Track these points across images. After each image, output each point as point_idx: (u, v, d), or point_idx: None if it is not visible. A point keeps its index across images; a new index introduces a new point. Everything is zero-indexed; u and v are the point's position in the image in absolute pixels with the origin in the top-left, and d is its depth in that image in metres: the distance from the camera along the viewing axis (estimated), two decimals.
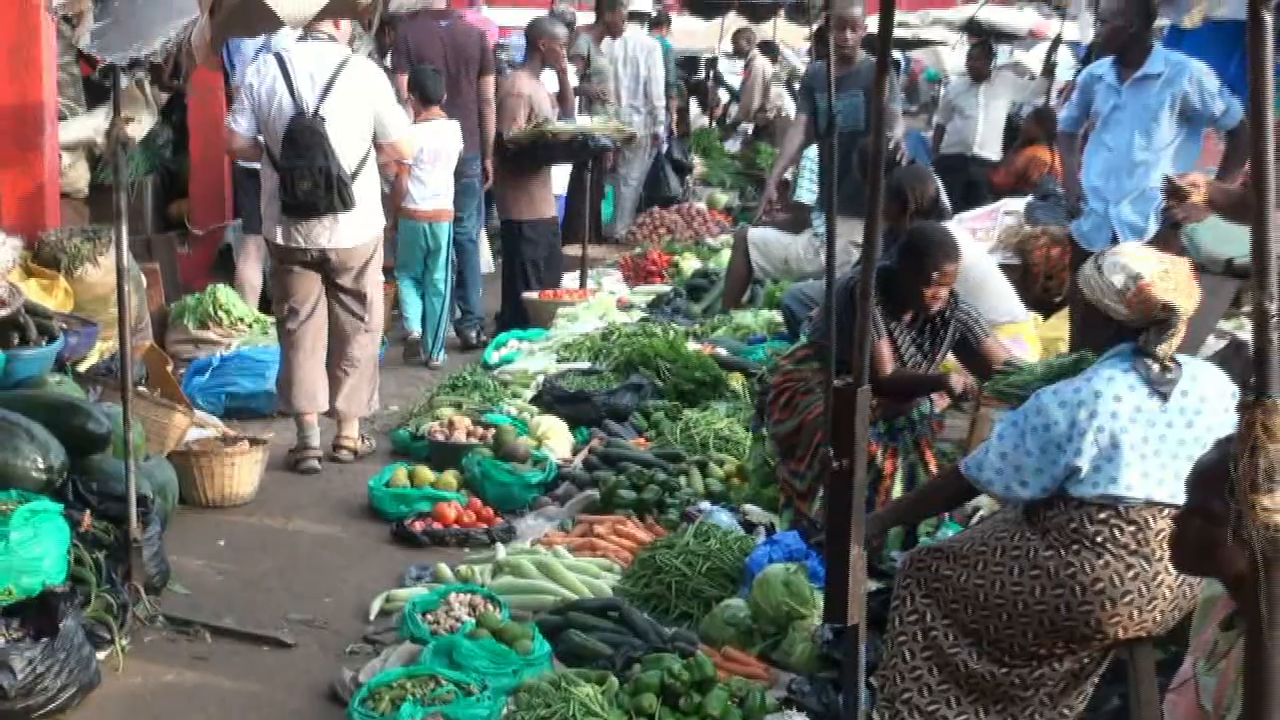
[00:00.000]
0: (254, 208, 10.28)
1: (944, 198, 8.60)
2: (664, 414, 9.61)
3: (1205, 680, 3.67)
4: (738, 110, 21.67)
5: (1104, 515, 5.03)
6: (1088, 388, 5.06)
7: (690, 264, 14.80)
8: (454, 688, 5.78)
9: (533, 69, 13.01)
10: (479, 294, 12.97)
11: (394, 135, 9.15)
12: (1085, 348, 5.46)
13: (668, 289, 13.85)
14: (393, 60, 12.65)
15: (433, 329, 11.99)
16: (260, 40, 9.98)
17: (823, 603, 6.08)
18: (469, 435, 9.12)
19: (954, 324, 7.08)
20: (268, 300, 11.08)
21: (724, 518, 7.68)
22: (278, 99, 8.87)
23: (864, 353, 4.15)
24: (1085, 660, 5.22)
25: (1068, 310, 9.54)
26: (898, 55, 22.05)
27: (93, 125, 10.51)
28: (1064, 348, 9.23)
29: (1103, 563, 5.02)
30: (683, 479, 8.43)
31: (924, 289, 6.80)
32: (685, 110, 20.76)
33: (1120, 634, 5.08)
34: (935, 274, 6.77)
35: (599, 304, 12.71)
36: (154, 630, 6.77)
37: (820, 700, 5.87)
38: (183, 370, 9.96)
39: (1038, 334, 9.01)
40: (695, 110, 22.72)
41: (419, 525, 8.06)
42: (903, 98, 19.07)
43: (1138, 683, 5.19)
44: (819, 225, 11.27)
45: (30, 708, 5.72)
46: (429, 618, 6.56)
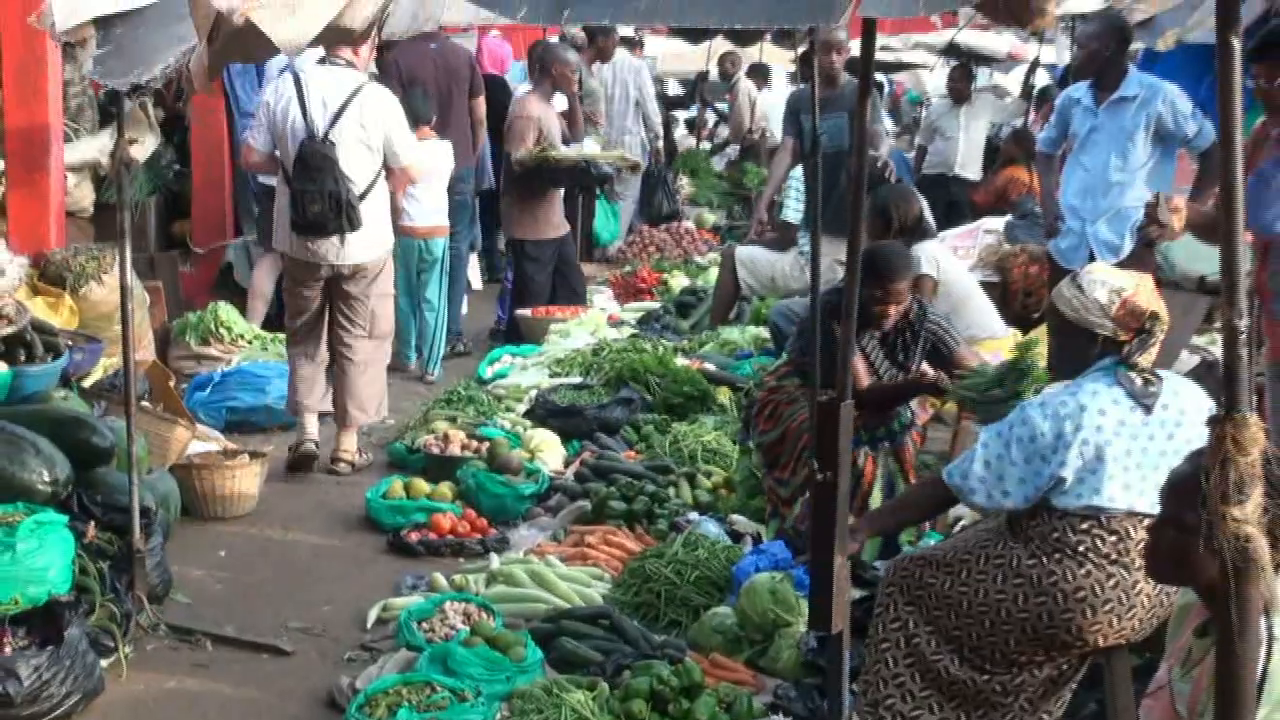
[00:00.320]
0: (270, 223, 10.28)
1: (929, 216, 8.61)
2: (653, 427, 9.61)
3: (1180, 686, 3.67)
4: (727, 132, 21.66)
5: (1086, 525, 5.03)
6: (1073, 401, 5.05)
7: (679, 281, 14.81)
8: (449, 694, 5.77)
9: (543, 92, 12.95)
10: (463, 309, 12.97)
11: (404, 160, 9.19)
12: (1062, 367, 5.45)
13: (657, 306, 13.87)
14: (385, 84, 12.66)
15: (428, 345, 11.98)
16: (284, 60, 10.00)
17: (808, 611, 6.12)
18: (463, 448, 9.11)
19: (924, 335, 7.11)
20: (276, 309, 11.19)
21: (712, 528, 7.68)
22: (291, 119, 8.98)
23: (845, 369, 4.16)
24: (1064, 667, 5.22)
25: (1046, 326, 9.55)
26: (880, 78, 22.05)
27: (97, 147, 10.51)
28: (1042, 364, 9.24)
29: (1084, 572, 5.02)
30: (672, 490, 8.43)
31: (874, 306, 6.85)
32: (669, 130, 20.76)
33: (1100, 641, 5.07)
34: (880, 291, 6.82)
35: (590, 320, 12.70)
36: (156, 638, 6.75)
37: (806, 706, 5.87)
38: (185, 386, 9.93)
39: (1017, 350, 8.99)
40: (681, 131, 22.72)
41: (415, 536, 8.04)
42: (887, 118, 19.09)
43: (1114, 688, 5.18)
44: (804, 244, 11.26)
45: (36, 714, 5.71)
46: (424, 626, 6.55)
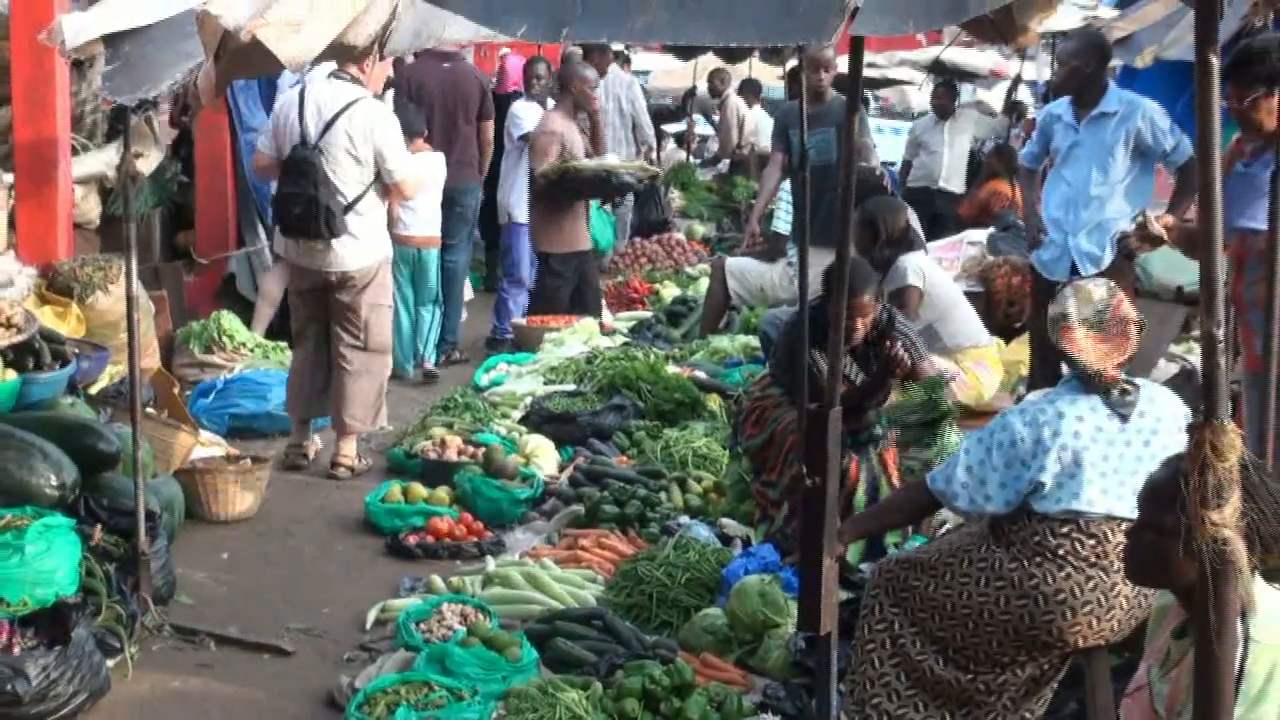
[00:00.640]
0: None
1: (916, 227, 8.62)
2: (645, 433, 9.60)
3: (1159, 686, 3.67)
4: (717, 147, 21.66)
5: (1066, 529, 5.04)
6: (1052, 409, 5.07)
7: (670, 291, 14.82)
8: (446, 693, 5.77)
9: (566, 109, 12.97)
10: (460, 319, 12.97)
11: (397, 176, 9.21)
12: (1044, 375, 5.48)
13: (649, 315, 13.88)
14: (394, 98, 12.67)
15: (425, 339, 12.13)
16: (297, 76, 10.06)
17: (797, 612, 6.13)
18: (460, 454, 9.11)
19: (892, 339, 7.08)
20: (280, 319, 11.28)
21: (702, 531, 7.67)
22: (290, 128, 9.13)
23: (835, 376, 4.17)
24: (1045, 667, 5.23)
25: (1028, 336, 9.58)
26: (866, 93, 22.06)
27: (104, 160, 10.49)
28: (1024, 371, 9.27)
29: (1064, 574, 5.03)
30: (663, 495, 8.42)
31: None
32: (660, 143, 20.79)
33: (1080, 642, 5.09)
34: (847, 307, 6.80)
35: (583, 329, 12.68)
36: (161, 639, 6.75)
37: (794, 705, 5.87)
38: (189, 393, 9.92)
39: (1000, 358, 9.02)
40: (670, 145, 22.73)
41: (413, 539, 8.04)
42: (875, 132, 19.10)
43: (1094, 688, 5.19)
44: (794, 255, 11.27)
45: (44, 713, 5.70)
46: (422, 627, 6.55)
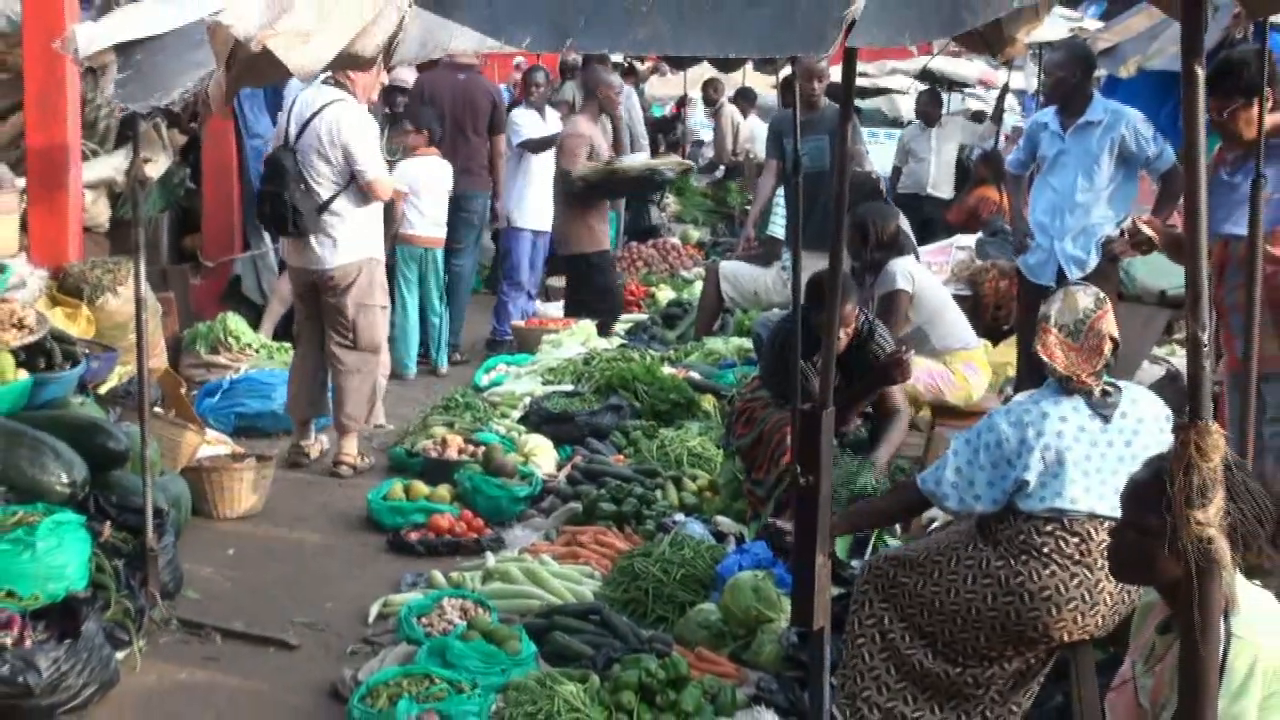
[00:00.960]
0: None
1: (907, 231, 8.62)
2: (641, 433, 9.61)
3: (1143, 680, 3.68)
4: (712, 154, 21.64)
5: (1050, 528, 5.06)
6: (1036, 409, 5.11)
7: (665, 295, 14.84)
8: (447, 686, 5.77)
9: (591, 113, 13.09)
10: (463, 321, 12.98)
11: (369, 175, 9.18)
12: (1031, 377, 5.51)
13: (645, 318, 13.91)
14: (408, 105, 12.68)
15: (435, 341, 12.17)
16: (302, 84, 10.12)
17: (790, 607, 6.13)
18: (461, 452, 9.11)
19: (873, 349, 7.07)
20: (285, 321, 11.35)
21: (697, 528, 7.68)
22: (280, 131, 9.37)
23: (828, 377, 4.17)
24: (1032, 661, 5.24)
25: (1015, 338, 9.59)
26: (858, 102, 22.06)
27: (113, 165, 10.50)
28: (1012, 372, 9.27)
29: (1049, 572, 5.05)
30: (659, 493, 8.43)
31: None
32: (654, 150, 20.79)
33: (1065, 637, 5.10)
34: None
35: (581, 331, 12.71)
36: (168, 632, 6.75)
37: (787, 697, 5.89)
38: (195, 392, 9.92)
39: (988, 359, 9.03)
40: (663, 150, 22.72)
41: (414, 535, 8.04)
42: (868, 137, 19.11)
43: (1079, 682, 5.21)
44: (788, 259, 11.29)
45: (55, 704, 5.71)
46: (424, 621, 6.54)
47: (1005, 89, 17.88)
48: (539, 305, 14.10)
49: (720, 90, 20.88)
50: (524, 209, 13.15)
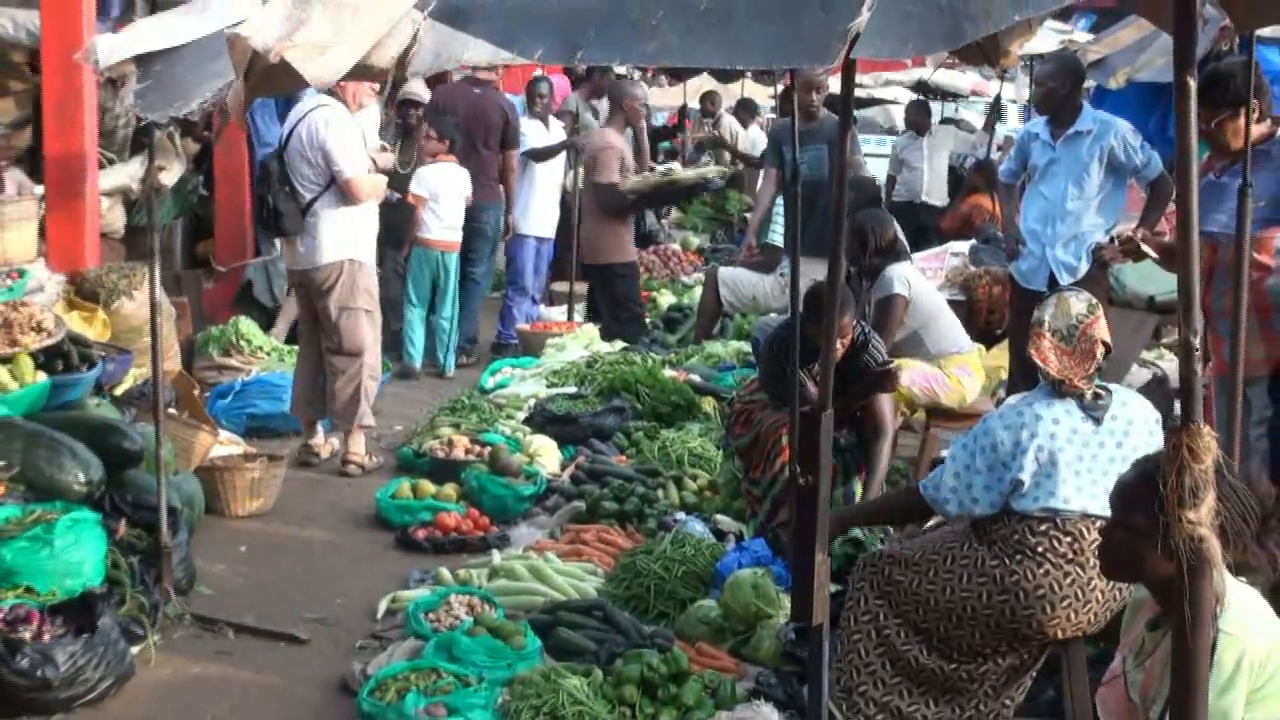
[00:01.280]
0: None
1: (902, 238, 8.63)
2: (643, 434, 9.61)
3: (1133, 675, 3.69)
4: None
5: (1044, 527, 5.06)
6: (1029, 411, 5.12)
7: (666, 299, 14.85)
8: (454, 680, 5.77)
9: (618, 124, 13.08)
10: (477, 325, 12.99)
11: (346, 174, 9.13)
12: (1024, 378, 5.52)
13: (646, 322, 13.88)
14: (424, 116, 12.69)
15: (443, 345, 12.17)
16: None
17: (788, 603, 6.14)
18: (467, 452, 9.11)
19: (867, 357, 7.07)
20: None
21: (697, 527, 7.68)
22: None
23: (827, 381, 4.18)
24: (1025, 657, 5.25)
25: (1008, 342, 9.60)
26: (855, 112, 22.06)
27: (129, 173, 10.52)
28: (1004, 375, 9.28)
29: (1043, 571, 5.05)
30: (660, 492, 8.42)
31: (821, 340, 6.78)
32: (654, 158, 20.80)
33: (1058, 634, 5.11)
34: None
35: (584, 335, 12.70)
36: (182, 627, 6.76)
37: (785, 691, 5.88)
38: (208, 394, 9.92)
39: (982, 363, 9.03)
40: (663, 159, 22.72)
41: (422, 533, 8.04)
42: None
43: (1071, 677, 5.22)
44: (787, 267, 11.29)
45: (73, 697, 5.73)
46: (431, 617, 6.55)
47: (998, 100, 17.91)
48: (543, 309, 14.10)
49: (718, 102, 20.87)
50: (528, 216, 13.18)
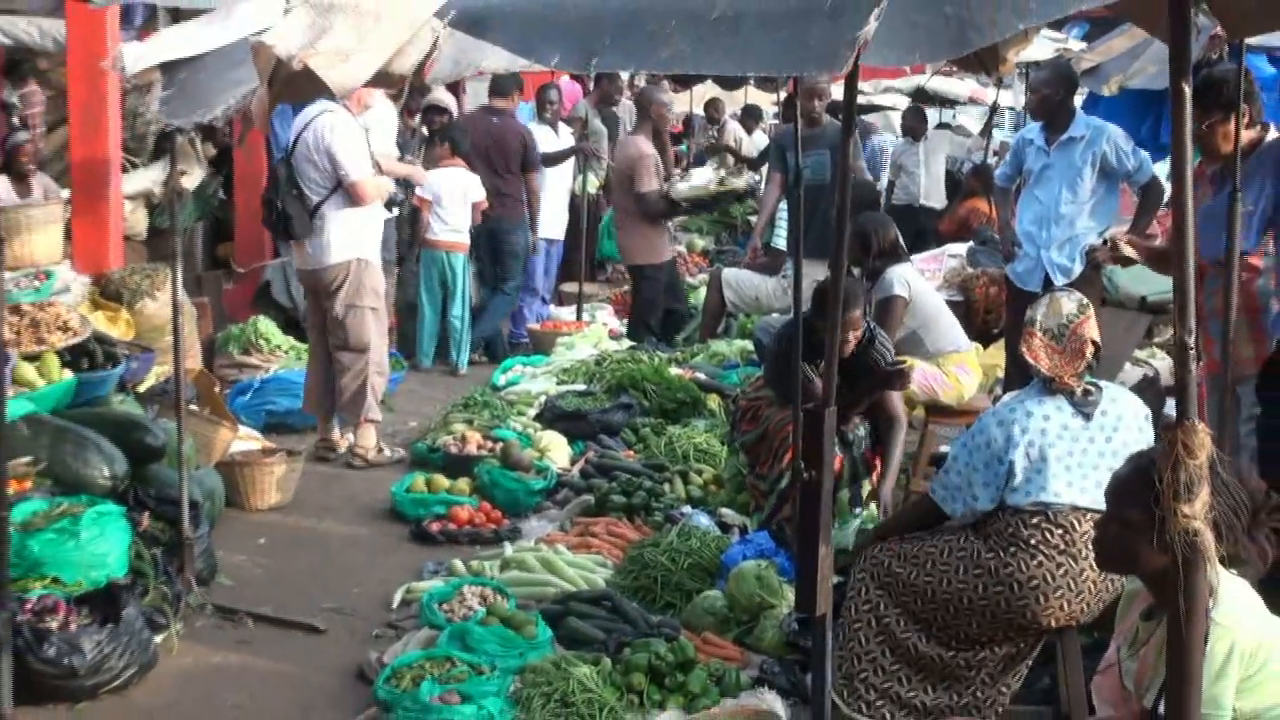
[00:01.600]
0: None
1: (901, 241, 8.64)
2: (650, 429, 9.61)
3: (1128, 664, 3.70)
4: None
5: (1036, 520, 5.08)
6: (1021, 408, 5.16)
7: None
8: (467, 668, 5.77)
9: (646, 131, 12.99)
10: (498, 330, 12.95)
11: (351, 177, 9.13)
12: (1020, 376, 5.53)
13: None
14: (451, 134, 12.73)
15: (456, 343, 12.16)
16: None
17: (792, 594, 6.13)
18: (479, 448, 9.12)
19: (874, 354, 7.07)
20: None
21: (703, 520, 7.68)
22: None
23: (830, 378, 4.18)
24: (1021, 645, 5.26)
25: (1004, 341, 9.60)
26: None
27: (151, 178, 10.57)
28: (1001, 373, 9.28)
29: (1036, 562, 5.07)
30: (667, 486, 8.42)
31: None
32: None
33: (1052, 623, 5.12)
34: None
35: (593, 334, 12.72)
36: (204, 617, 6.76)
37: (788, 679, 5.89)
38: (228, 391, 9.92)
39: (979, 361, 9.04)
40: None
41: (435, 526, 8.05)
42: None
43: (1066, 665, 5.23)
44: (789, 269, 11.28)
45: (98, 684, 5.75)
46: (445, 607, 6.54)
47: (995, 106, 17.90)
48: (553, 309, 14.13)
49: (721, 109, 20.86)
50: (538, 219, 13.16)
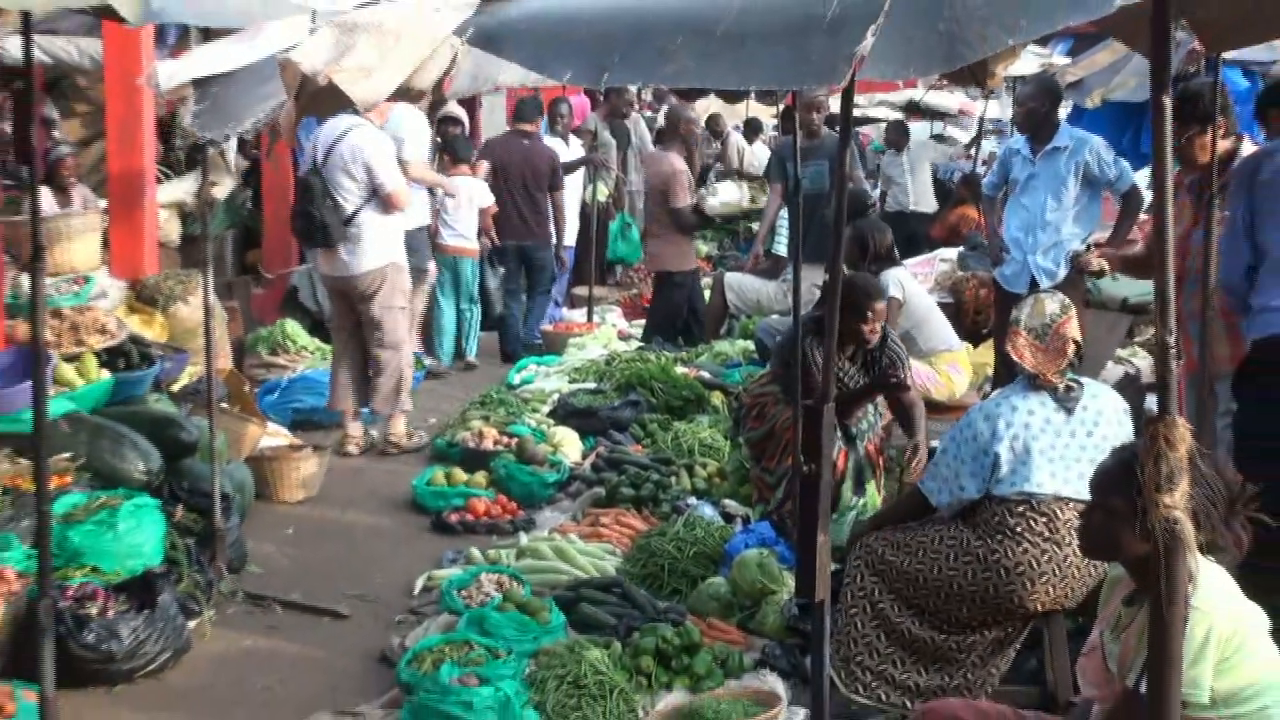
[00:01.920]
0: None
1: (894, 246, 8.62)
2: (657, 425, 9.59)
3: (1111, 646, 3.69)
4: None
5: (1021, 509, 5.09)
6: (1006, 403, 5.17)
7: None
8: (485, 651, 5.77)
9: (677, 147, 12.92)
10: (516, 335, 12.94)
11: (388, 187, 9.21)
12: (1008, 374, 5.54)
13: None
14: (480, 153, 12.75)
15: (466, 334, 12.24)
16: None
17: (792, 581, 6.13)
18: (496, 443, 9.11)
19: (887, 353, 7.06)
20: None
21: (707, 510, 7.69)
22: (307, 157, 9.41)
23: (829, 377, 4.17)
24: (1009, 629, 5.25)
25: (993, 341, 9.59)
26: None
27: (184, 188, 10.57)
28: (990, 371, 9.27)
29: (1021, 549, 5.07)
30: (673, 479, 8.41)
31: (862, 325, 6.77)
32: None
33: (1038, 607, 5.12)
34: (869, 312, 6.77)
35: (603, 335, 12.73)
36: (234, 604, 6.79)
37: (789, 661, 5.89)
38: (257, 390, 9.93)
39: (969, 360, 9.03)
40: None
41: (454, 517, 8.06)
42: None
43: (1053, 648, 5.23)
44: (789, 274, 11.26)
45: (135, 668, 5.77)
46: (463, 593, 6.55)
47: (983, 119, 17.88)
48: (565, 312, 14.14)
49: (723, 123, 20.84)
50: (563, 233, 13.19)
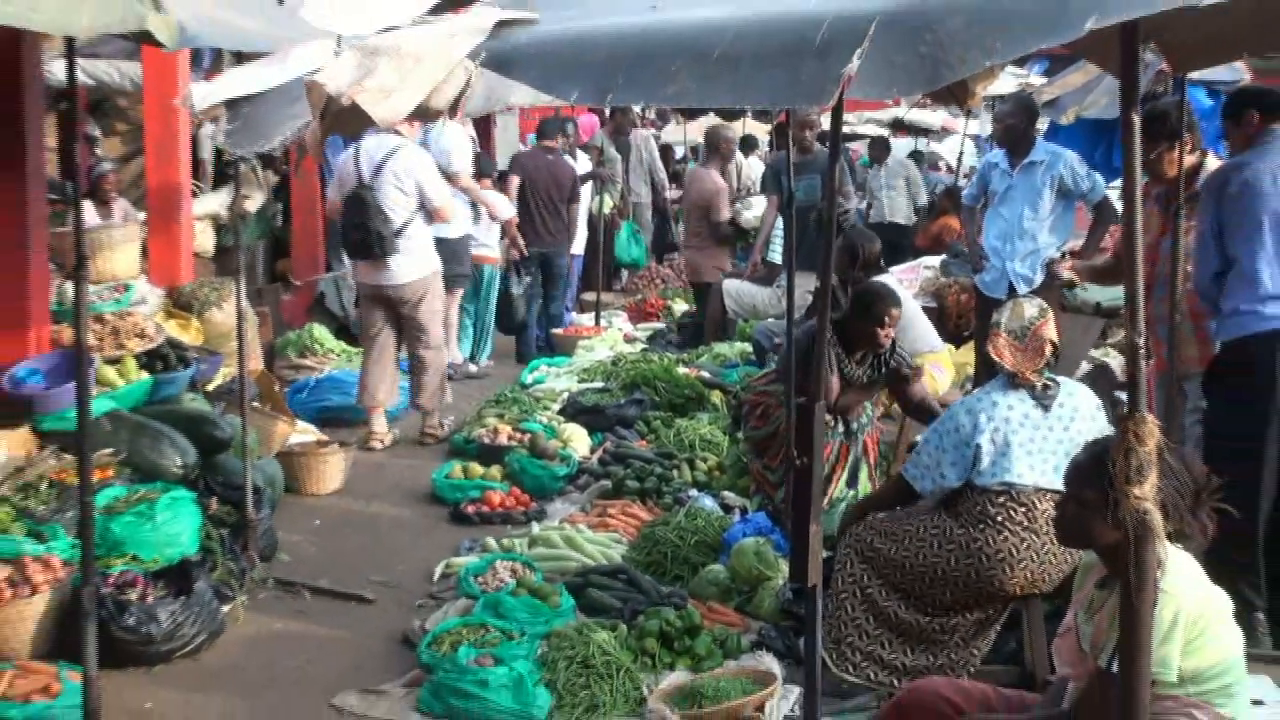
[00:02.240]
0: None
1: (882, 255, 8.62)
2: (660, 422, 9.60)
3: (1084, 628, 3.69)
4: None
5: (1001, 499, 5.09)
6: (987, 399, 5.19)
7: (680, 306, 14.81)
8: (500, 634, 5.78)
9: (716, 165, 13.01)
10: (530, 339, 12.98)
11: (436, 202, 9.30)
12: (988, 374, 5.54)
13: (662, 326, 13.89)
14: (510, 168, 12.89)
15: (481, 339, 12.29)
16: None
17: (786, 567, 6.13)
18: (510, 439, 9.11)
19: (895, 358, 7.05)
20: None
21: (708, 502, 7.68)
22: (348, 175, 9.29)
23: (819, 379, 4.18)
24: (990, 612, 5.25)
25: (974, 343, 9.59)
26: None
27: (217, 201, 10.59)
28: (971, 371, 9.27)
29: (1002, 537, 5.07)
30: (675, 472, 8.41)
31: (879, 330, 6.74)
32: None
33: (1017, 591, 5.12)
34: (886, 318, 6.74)
35: (610, 338, 12.75)
36: (265, 590, 6.79)
37: (784, 643, 5.88)
38: (286, 389, 9.93)
39: (952, 360, 9.03)
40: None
41: (471, 508, 8.06)
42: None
43: (1031, 630, 5.23)
44: (784, 280, 11.26)
45: (172, 650, 5.77)
46: (480, 579, 6.55)
47: (976, 137, 17.93)
48: (574, 316, 14.16)
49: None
50: (574, 241, 13.20)
